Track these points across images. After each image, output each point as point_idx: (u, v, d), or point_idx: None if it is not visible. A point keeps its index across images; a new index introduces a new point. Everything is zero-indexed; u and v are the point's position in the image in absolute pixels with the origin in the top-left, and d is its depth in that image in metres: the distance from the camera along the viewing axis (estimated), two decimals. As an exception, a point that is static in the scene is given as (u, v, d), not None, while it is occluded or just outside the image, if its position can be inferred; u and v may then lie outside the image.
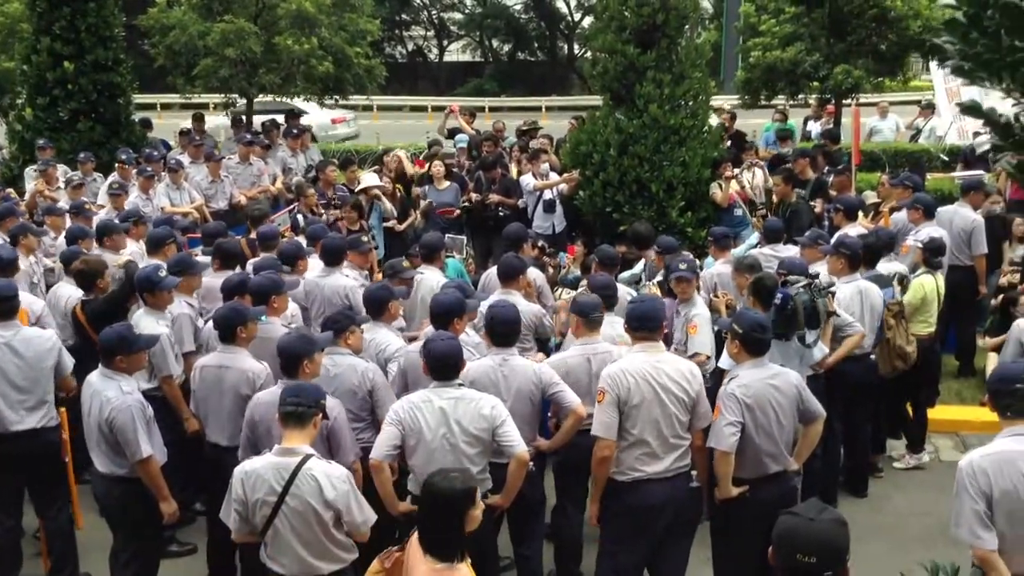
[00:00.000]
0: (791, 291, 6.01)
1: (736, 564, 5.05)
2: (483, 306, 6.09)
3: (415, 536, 3.75)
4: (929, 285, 7.42)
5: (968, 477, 4.07)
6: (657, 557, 5.06)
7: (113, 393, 5.11)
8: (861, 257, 6.94)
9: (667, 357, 5.06)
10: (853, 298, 6.74)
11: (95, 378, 5.25)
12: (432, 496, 3.66)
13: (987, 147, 12.42)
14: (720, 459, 4.92)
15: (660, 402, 4.87)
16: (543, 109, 30.96)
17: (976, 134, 12.96)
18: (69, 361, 5.96)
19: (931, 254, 7.57)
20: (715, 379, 5.95)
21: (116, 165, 11.16)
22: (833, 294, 6.35)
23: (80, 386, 5.49)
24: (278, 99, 17.19)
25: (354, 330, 5.61)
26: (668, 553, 5.05)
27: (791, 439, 5.09)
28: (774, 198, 10.08)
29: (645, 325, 5.02)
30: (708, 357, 6.43)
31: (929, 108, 16.93)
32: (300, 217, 9.95)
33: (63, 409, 5.82)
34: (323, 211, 10.36)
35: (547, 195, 10.77)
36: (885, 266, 7.48)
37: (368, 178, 10.80)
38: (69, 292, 7.12)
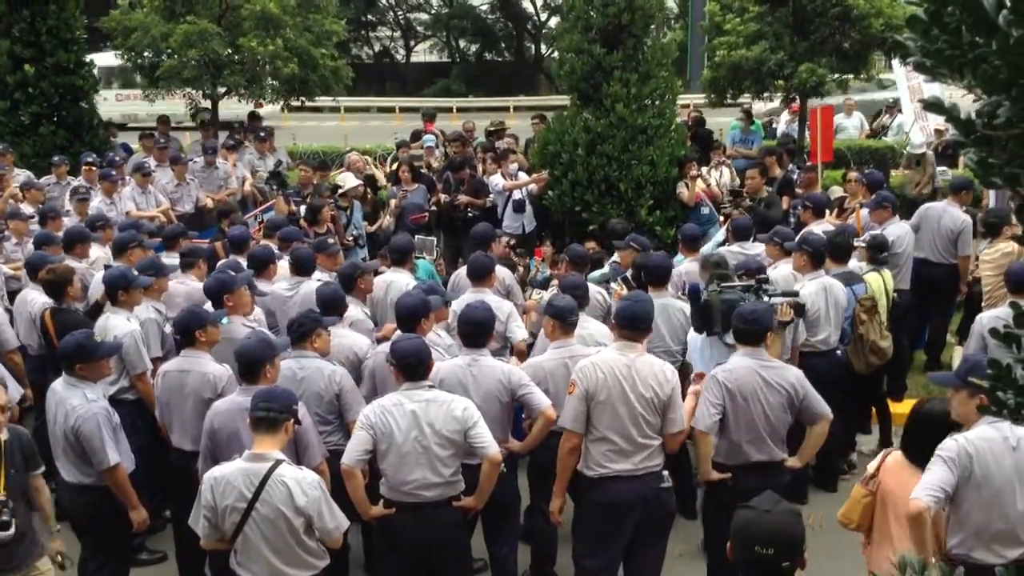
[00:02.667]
0: (704, 286, 6.00)
1: (725, 552, 5.07)
2: (455, 307, 6.08)
3: (890, 458, 4.39)
4: (876, 283, 7.42)
5: (950, 452, 4.11)
6: (631, 557, 5.06)
7: (78, 401, 5.03)
8: (824, 254, 6.99)
9: (643, 358, 5.00)
10: (818, 295, 6.78)
11: (59, 386, 5.17)
12: (929, 418, 4.36)
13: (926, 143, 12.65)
14: (699, 439, 5.00)
15: (627, 401, 4.85)
16: (511, 109, 30.95)
17: (938, 131, 13.13)
18: (12, 392, 5.62)
19: (875, 251, 7.55)
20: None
21: (83, 168, 11.02)
22: (799, 305, 6.21)
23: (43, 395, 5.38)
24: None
25: (320, 332, 5.58)
26: (642, 553, 5.05)
27: (780, 432, 5.08)
28: (746, 190, 10.17)
29: (636, 325, 4.99)
30: None
31: (896, 106, 17.14)
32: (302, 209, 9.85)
33: None
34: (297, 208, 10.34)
35: (516, 195, 10.77)
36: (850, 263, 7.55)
37: (347, 179, 10.74)
38: (35, 297, 7.01)
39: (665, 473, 5.01)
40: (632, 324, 4.98)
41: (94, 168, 10.88)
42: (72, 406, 5.03)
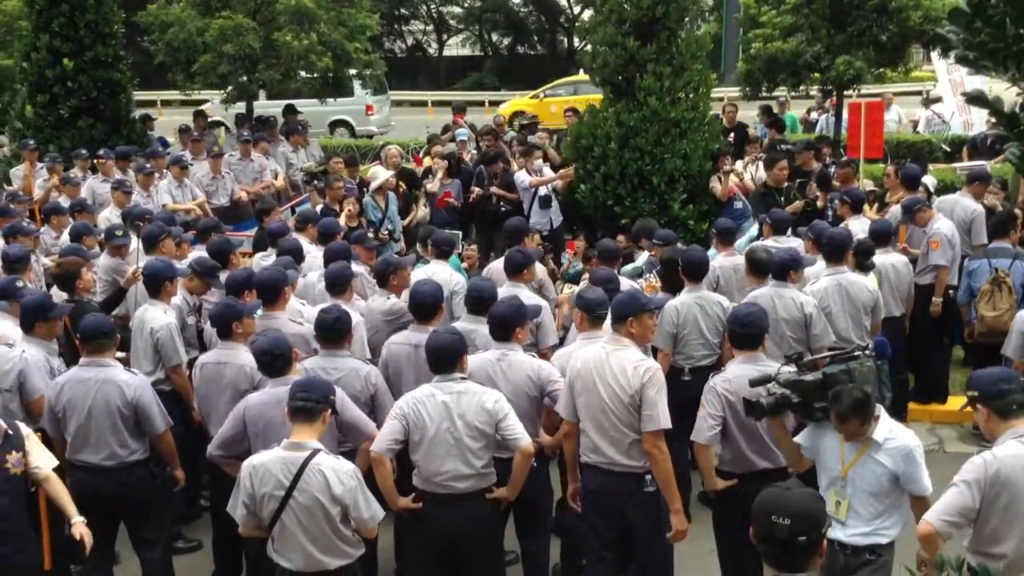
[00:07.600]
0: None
1: (736, 558, 5.06)
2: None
3: None
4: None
5: (975, 473, 4.02)
6: (633, 557, 5.04)
7: (126, 376, 5.25)
8: (844, 249, 6.93)
9: (620, 352, 4.87)
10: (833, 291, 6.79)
11: (89, 372, 5.22)
12: None
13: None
14: (699, 451, 4.98)
15: (597, 393, 4.83)
16: (543, 103, 30.82)
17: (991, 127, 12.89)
18: (39, 382, 5.58)
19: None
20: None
21: (95, 161, 11.11)
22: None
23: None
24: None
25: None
26: (641, 557, 5.03)
27: None
28: (769, 181, 9.99)
29: (604, 314, 5.08)
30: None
31: (939, 100, 16.91)
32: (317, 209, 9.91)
33: (39, 432, 5.45)
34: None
35: (542, 191, 10.71)
36: (878, 258, 7.42)
37: (378, 172, 10.75)
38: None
39: (648, 477, 4.85)
40: (603, 313, 5.13)
41: (106, 161, 10.95)
42: (123, 381, 5.22)
